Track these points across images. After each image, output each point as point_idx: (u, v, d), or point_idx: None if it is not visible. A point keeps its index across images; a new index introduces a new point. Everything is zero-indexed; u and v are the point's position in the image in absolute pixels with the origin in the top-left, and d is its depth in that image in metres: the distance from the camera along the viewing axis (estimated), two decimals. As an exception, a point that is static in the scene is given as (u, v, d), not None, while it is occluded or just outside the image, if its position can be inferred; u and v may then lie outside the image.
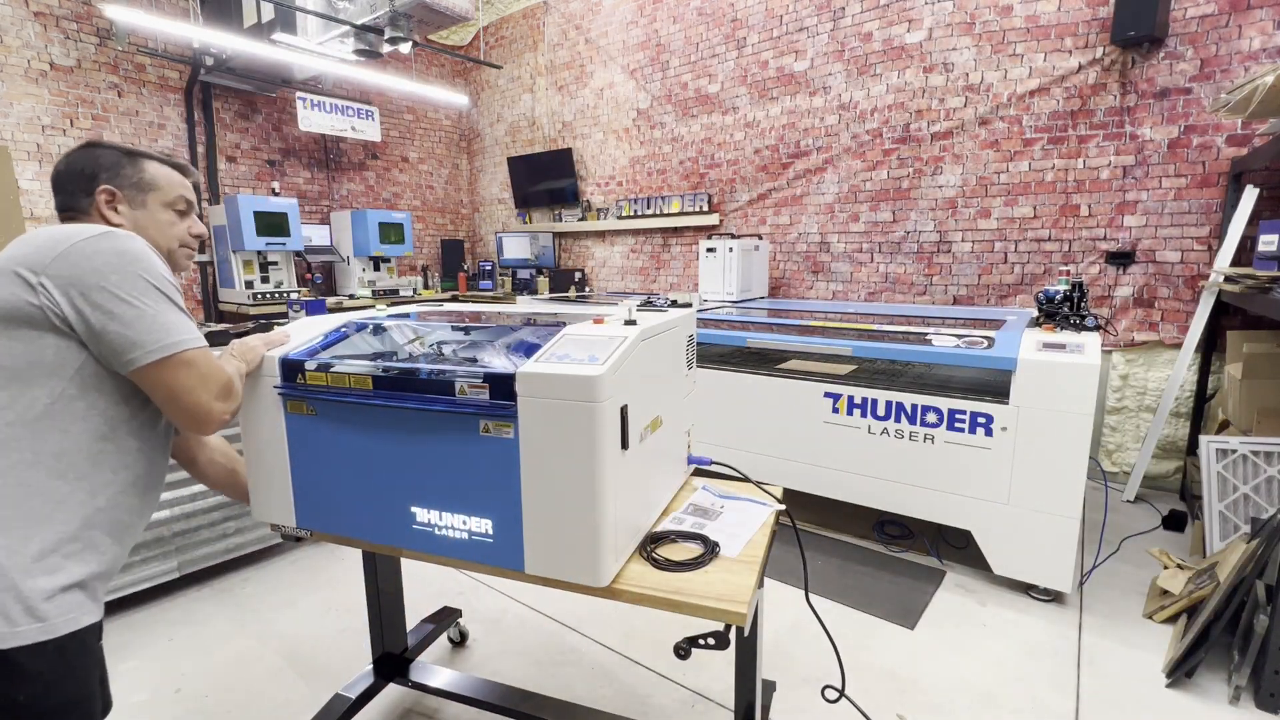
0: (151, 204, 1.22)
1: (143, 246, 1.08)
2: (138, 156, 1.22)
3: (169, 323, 1.05)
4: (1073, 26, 3.72)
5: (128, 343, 1.01)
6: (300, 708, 2.04)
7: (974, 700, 2.03)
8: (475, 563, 1.34)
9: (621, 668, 2.22)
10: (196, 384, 1.08)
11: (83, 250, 1.01)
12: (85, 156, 1.18)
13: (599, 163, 6.37)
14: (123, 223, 1.17)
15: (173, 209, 1.25)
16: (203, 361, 1.10)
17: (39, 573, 0.95)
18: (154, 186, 1.22)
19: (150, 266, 1.06)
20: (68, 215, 1.17)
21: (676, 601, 1.25)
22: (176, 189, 1.26)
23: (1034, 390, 2.42)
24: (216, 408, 1.12)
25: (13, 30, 4.61)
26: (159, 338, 1.03)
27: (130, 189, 1.20)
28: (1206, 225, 3.46)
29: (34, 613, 0.92)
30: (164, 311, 1.05)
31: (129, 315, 1.01)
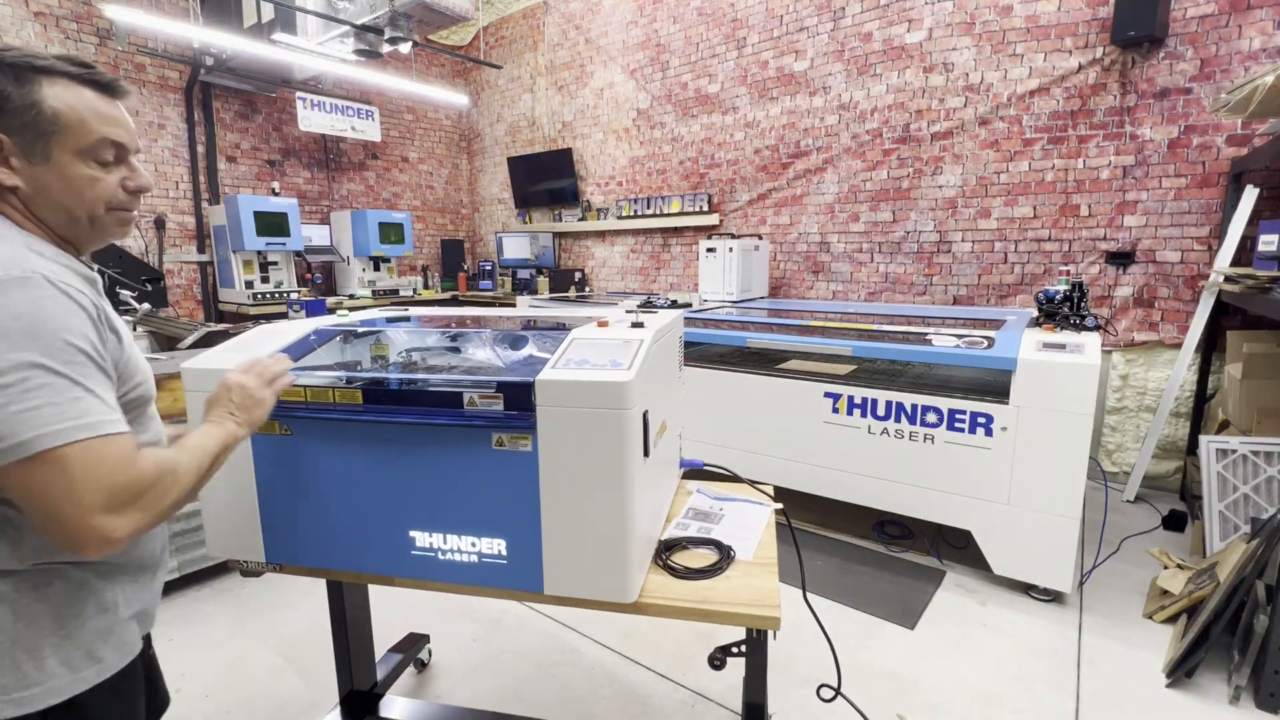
0: (59, 154, 0.84)
1: (58, 308, 0.78)
2: (30, 74, 0.82)
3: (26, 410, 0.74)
4: (1073, 26, 3.72)
5: None
6: (300, 708, 2.04)
7: (974, 700, 2.03)
8: (487, 587, 1.26)
9: (622, 668, 2.22)
10: (62, 491, 0.75)
11: None
12: None
13: (599, 163, 6.37)
14: (18, 183, 0.84)
15: (93, 158, 0.87)
16: (79, 459, 0.75)
17: (98, 614, 0.90)
18: (59, 126, 0.84)
19: (53, 329, 0.77)
20: None
21: (706, 611, 1.22)
22: (95, 127, 0.86)
23: (1034, 390, 2.42)
24: (98, 525, 0.76)
25: (13, 30, 4.61)
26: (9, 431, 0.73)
27: (23, 133, 0.82)
28: (1206, 225, 3.46)
29: (94, 656, 0.88)
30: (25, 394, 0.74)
31: None
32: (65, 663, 0.85)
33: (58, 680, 0.84)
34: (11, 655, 0.81)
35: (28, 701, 0.82)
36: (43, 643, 0.83)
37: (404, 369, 1.60)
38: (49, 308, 0.77)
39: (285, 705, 2.05)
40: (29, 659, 0.82)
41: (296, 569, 1.38)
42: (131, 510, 0.79)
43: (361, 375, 1.33)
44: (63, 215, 0.88)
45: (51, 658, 0.84)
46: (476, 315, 2.00)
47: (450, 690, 2.13)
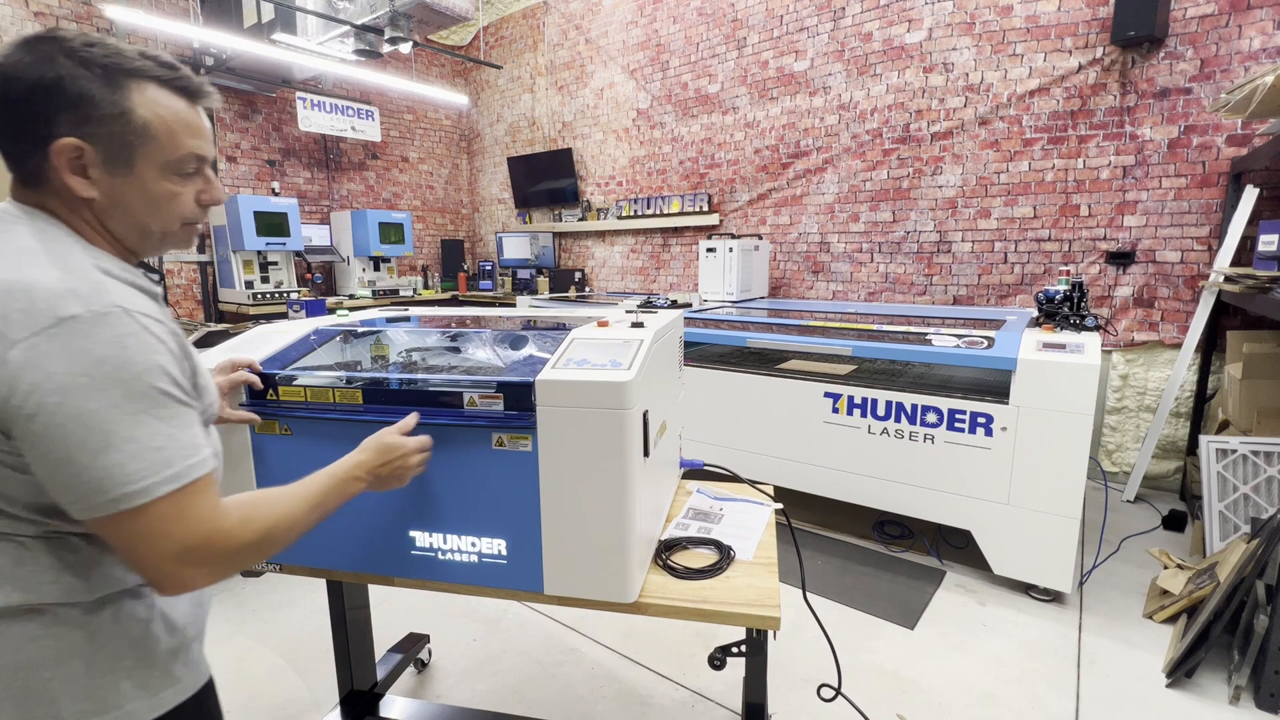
0: (143, 166, 0.78)
1: (142, 345, 0.73)
2: (122, 78, 0.76)
3: (125, 458, 0.71)
4: (1073, 26, 3.72)
5: (66, 493, 0.72)
6: (300, 708, 2.04)
7: (974, 700, 2.03)
8: (487, 587, 1.26)
9: (622, 667, 2.22)
10: (142, 543, 0.73)
11: (46, 354, 0.68)
12: (33, 73, 0.72)
13: (599, 163, 6.37)
14: (95, 195, 0.77)
15: (176, 172, 0.81)
16: (159, 514, 0.73)
17: (169, 635, 0.89)
18: (148, 136, 0.78)
19: (139, 372, 0.73)
20: (10, 165, 0.79)
21: (706, 611, 1.22)
22: (184, 141, 0.81)
23: (1034, 390, 2.42)
24: (173, 575, 0.75)
25: (13, 30, 4.61)
26: (104, 488, 0.70)
27: (109, 143, 0.76)
28: (1206, 225, 3.46)
29: (170, 676, 0.87)
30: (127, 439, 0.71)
31: (76, 457, 0.69)
32: (142, 685, 0.83)
33: (135, 704, 0.82)
34: (88, 680, 0.79)
35: None
36: (118, 666, 0.81)
37: (404, 369, 1.60)
38: (132, 347, 0.72)
39: (285, 705, 2.05)
40: (106, 684, 0.80)
41: (296, 569, 1.37)
42: (211, 563, 0.77)
43: (361, 375, 1.33)
44: (136, 230, 0.83)
45: (127, 681, 0.82)
46: (476, 315, 2.00)
47: (450, 690, 2.13)
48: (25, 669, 0.75)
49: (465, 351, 1.65)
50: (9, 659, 0.75)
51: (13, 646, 0.75)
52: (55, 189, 0.77)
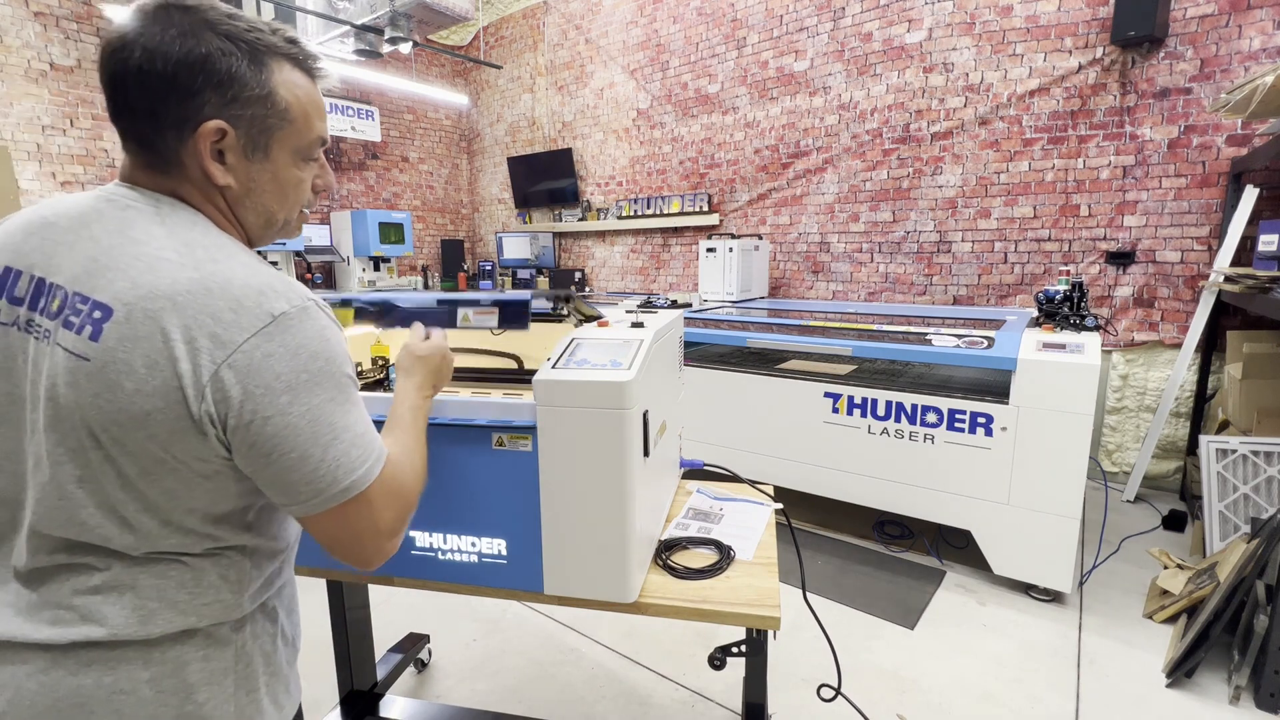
0: (277, 151, 0.76)
1: (336, 336, 0.75)
2: (264, 55, 0.72)
3: (346, 447, 0.74)
4: (1073, 26, 3.72)
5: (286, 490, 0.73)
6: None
7: (974, 700, 2.03)
8: (487, 587, 1.27)
9: (622, 667, 2.22)
10: (369, 524, 0.77)
11: (269, 355, 0.67)
12: (180, 46, 0.66)
13: (599, 163, 6.37)
14: (230, 183, 0.74)
15: (304, 157, 0.80)
16: (379, 492, 0.77)
17: (287, 648, 0.89)
18: (287, 119, 0.75)
19: (340, 363, 0.74)
20: (138, 148, 0.72)
21: (706, 611, 1.22)
22: (315, 124, 0.78)
23: (1034, 390, 2.42)
24: (389, 548, 0.80)
25: (13, 30, 4.61)
26: (331, 481, 0.73)
27: (251, 125, 0.72)
28: (1206, 225, 3.46)
29: (289, 689, 0.87)
30: (343, 430, 0.73)
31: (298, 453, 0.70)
32: (273, 699, 0.83)
33: (271, 717, 0.82)
34: (235, 699, 0.78)
35: None
36: (257, 681, 0.81)
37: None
38: (332, 339, 0.73)
39: (285, 705, 2.05)
40: (249, 699, 0.79)
41: (296, 569, 1.36)
42: (404, 523, 0.82)
43: (362, 297, 1.33)
44: (264, 217, 0.80)
45: (265, 696, 0.82)
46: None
47: (450, 690, 2.13)
48: (181, 692, 0.73)
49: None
50: (167, 683, 0.72)
51: (170, 670, 0.73)
52: (189, 175, 0.73)
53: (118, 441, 0.67)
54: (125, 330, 0.64)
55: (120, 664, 0.70)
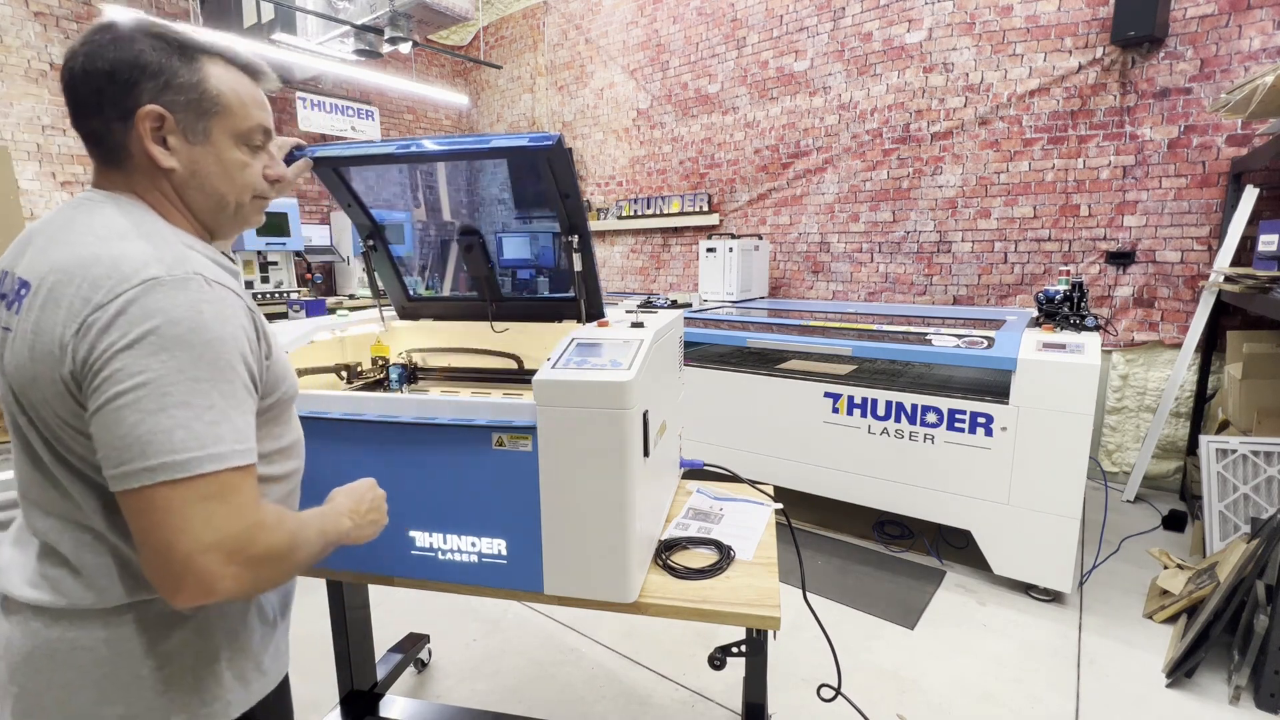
0: (217, 135, 0.81)
1: (218, 314, 0.73)
2: (195, 52, 0.79)
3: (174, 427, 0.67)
4: (1073, 26, 3.72)
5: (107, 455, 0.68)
6: (300, 708, 2.03)
7: (974, 700, 2.03)
8: (487, 587, 1.27)
9: (622, 667, 2.22)
10: (176, 525, 0.67)
11: (123, 314, 0.68)
12: (116, 51, 0.75)
13: (599, 163, 6.36)
14: (175, 165, 0.79)
15: (246, 143, 0.85)
16: (201, 493, 0.68)
17: (261, 625, 0.90)
18: (221, 107, 0.81)
19: (207, 339, 0.71)
20: (94, 147, 0.80)
21: (706, 611, 1.22)
22: (252, 112, 0.84)
23: (1034, 390, 2.42)
24: (202, 566, 0.67)
25: (13, 30, 4.61)
26: (146, 453, 0.67)
27: (187, 110, 0.78)
28: (1206, 225, 3.46)
29: (260, 667, 0.88)
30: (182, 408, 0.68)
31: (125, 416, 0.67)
32: (239, 677, 0.85)
33: (234, 694, 0.84)
34: (195, 672, 0.80)
35: (208, 718, 0.81)
36: (219, 655, 0.83)
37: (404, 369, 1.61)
38: (207, 314, 0.71)
39: (285, 705, 2.05)
40: (209, 675, 0.81)
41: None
42: (242, 563, 0.70)
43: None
44: (213, 200, 0.84)
45: (227, 672, 0.83)
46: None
47: (450, 690, 2.13)
48: (134, 658, 0.77)
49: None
50: (120, 649, 0.77)
51: (127, 635, 0.77)
52: (138, 163, 0.79)
53: (33, 406, 0.73)
54: (33, 300, 0.72)
55: (84, 622, 0.76)
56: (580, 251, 1.56)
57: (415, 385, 1.88)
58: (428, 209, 2.05)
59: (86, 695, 0.76)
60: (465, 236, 1.74)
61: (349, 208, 1.77)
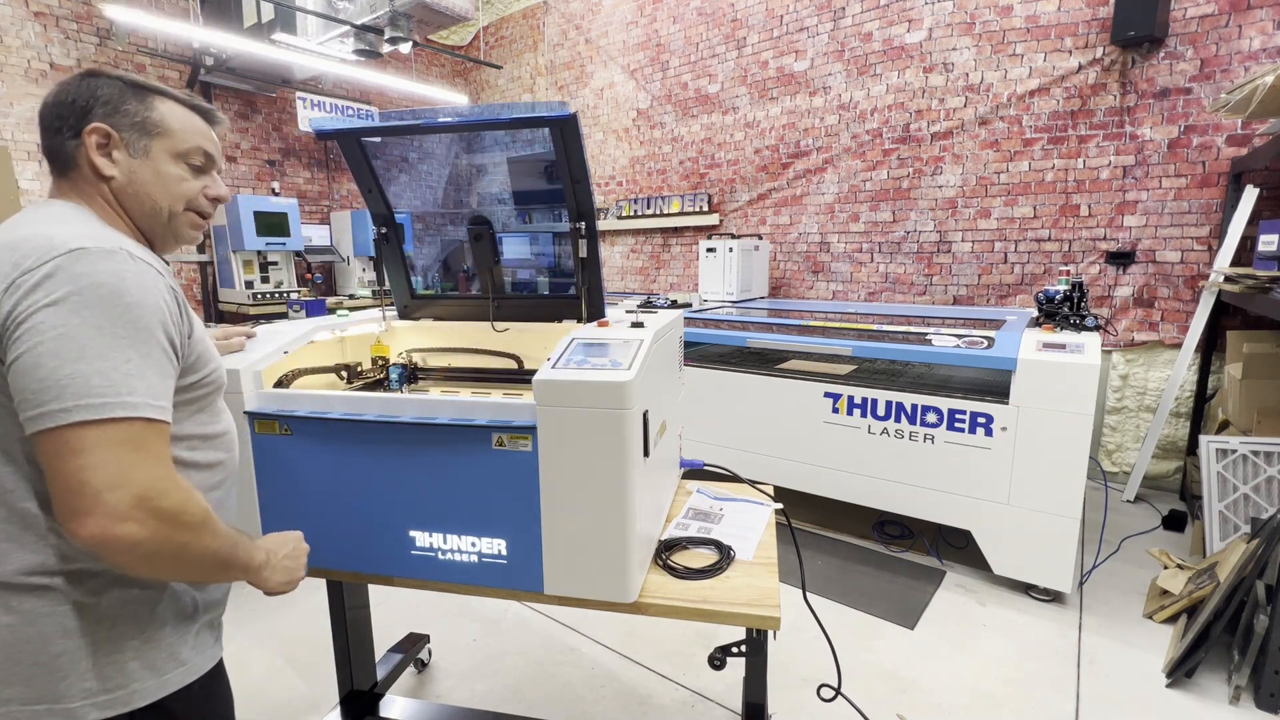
0: (157, 152, 0.93)
1: (139, 284, 0.79)
2: (147, 92, 0.93)
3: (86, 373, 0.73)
4: (1073, 26, 3.72)
5: (24, 397, 0.73)
6: (300, 708, 2.04)
7: (974, 700, 2.03)
8: (487, 587, 1.27)
9: (622, 668, 2.22)
10: (88, 468, 0.72)
11: (49, 276, 0.75)
12: (80, 87, 0.90)
13: (599, 163, 6.36)
14: (115, 174, 0.91)
15: (185, 161, 0.96)
16: (114, 438, 0.73)
17: (176, 618, 0.91)
18: (163, 130, 0.93)
19: (127, 301, 0.78)
20: (52, 162, 0.92)
21: (706, 611, 1.22)
22: (193, 137, 0.96)
23: (1034, 390, 2.42)
24: (111, 509, 0.72)
25: (13, 30, 4.61)
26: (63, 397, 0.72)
27: (131, 130, 0.91)
28: (1206, 225, 3.46)
29: (177, 658, 0.90)
30: (96, 360, 0.74)
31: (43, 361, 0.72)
32: (149, 665, 0.86)
33: (141, 683, 0.85)
34: (93, 658, 0.82)
35: (110, 705, 0.83)
36: (124, 645, 0.84)
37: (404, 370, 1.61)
38: (129, 281, 0.78)
39: (285, 705, 2.05)
40: (110, 662, 0.83)
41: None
42: (147, 517, 0.74)
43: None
44: (147, 205, 0.93)
45: (134, 661, 0.85)
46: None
47: (450, 690, 2.13)
48: (34, 643, 0.79)
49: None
50: (21, 634, 0.79)
51: (27, 620, 0.79)
52: (84, 173, 0.90)
53: None
54: None
55: None
56: (586, 239, 1.56)
57: (415, 385, 1.88)
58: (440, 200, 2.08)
59: None
60: (475, 225, 1.74)
61: (369, 194, 1.79)
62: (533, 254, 2.14)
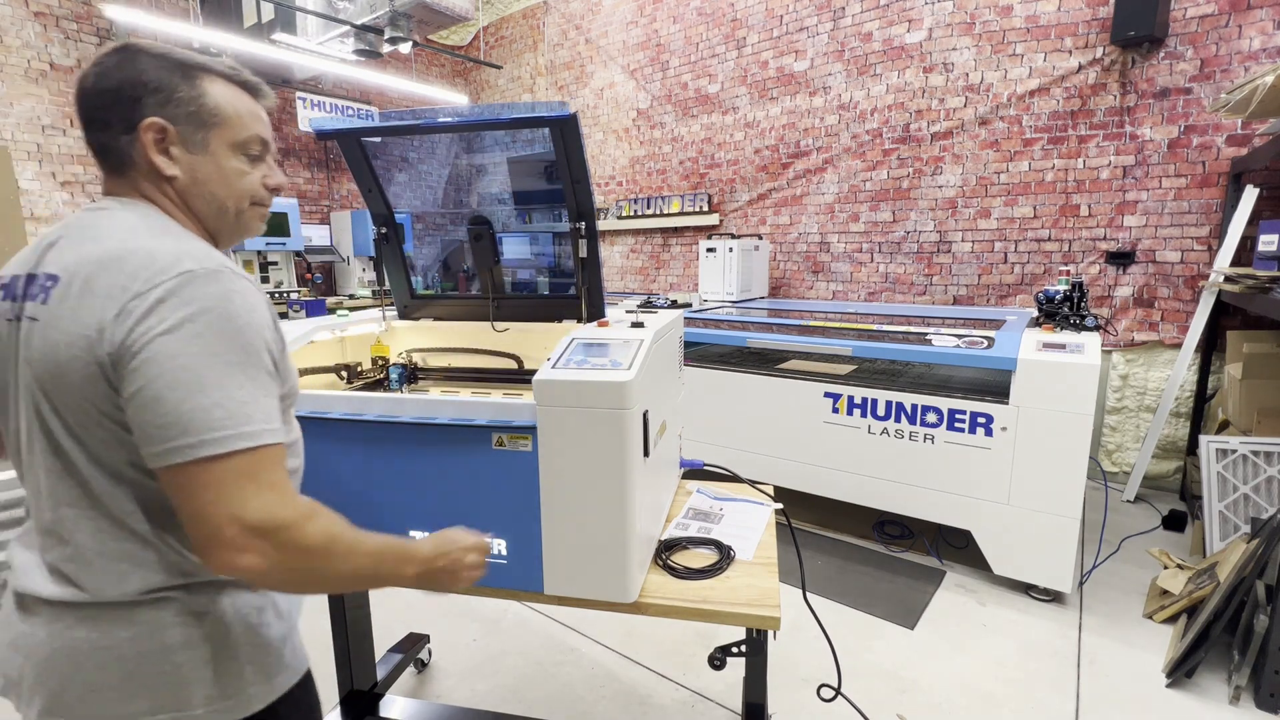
0: (216, 145, 0.87)
1: (245, 303, 0.78)
2: (195, 71, 0.85)
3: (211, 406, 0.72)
4: (1073, 26, 3.72)
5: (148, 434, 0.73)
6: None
7: (974, 700, 2.03)
8: (487, 587, 1.26)
9: (621, 668, 2.22)
10: (212, 499, 0.72)
11: (161, 303, 0.72)
12: (124, 69, 0.81)
13: (599, 163, 6.36)
14: (176, 172, 0.85)
15: (244, 152, 0.90)
16: (237, 470, 0.73)
17: (278, 622, 0.91)
18: (219, 119, 0.86)
19: (238, 325, 0.76)
20: (103, 159, 0.85)
21: (706, 611, 1.22)
22: (249, 124, 0.90)
23: (1034, 390, 2.42)
24: (232, 539, 0.72)
25: (13, 30, 4.61)
26: (189, 432, 0.71)
27: (187, 122, 0.84)
28: (1206, 225, 3.46)
29: (281, 661, 0.90)
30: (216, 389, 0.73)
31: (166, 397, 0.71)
32: (261, 670, 0.86)
33: (255, 687, 0.85)
34: (213, 666, 0.82)
35: (230, 710, 0.83)
36: (239, 651, 0.84)
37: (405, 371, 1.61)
38: (236, 303, 0.76)
39: (285, 705, 2.05)
40: (228, 669, 0.83)
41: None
42: (271, 543, 0.73)
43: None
44: (214, 206, 0.89)
45: (248, 666, 0.85)
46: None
47: (450, 690, 2.13)
48: (157, 654, 0.79)
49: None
50: (141, 647, 0.78)
51: (148, 632, 0.79)
52: (143, 171, 0.84)
53: (57, 391, 0.75)
54: (63, 290, 0.75)
55: (104, 622, 0.78)
56: (586, 238, 1.56)
57: (415, 385, 1.88)
58: (440, 200, 2.08)
59: (111, 693, 0.78)
60: (475, 225, 1.74)
61: (369, 193, 1.79)
62: (533, 254, 2.14)
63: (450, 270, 2.19)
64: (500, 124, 1.45)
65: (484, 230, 1.74)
